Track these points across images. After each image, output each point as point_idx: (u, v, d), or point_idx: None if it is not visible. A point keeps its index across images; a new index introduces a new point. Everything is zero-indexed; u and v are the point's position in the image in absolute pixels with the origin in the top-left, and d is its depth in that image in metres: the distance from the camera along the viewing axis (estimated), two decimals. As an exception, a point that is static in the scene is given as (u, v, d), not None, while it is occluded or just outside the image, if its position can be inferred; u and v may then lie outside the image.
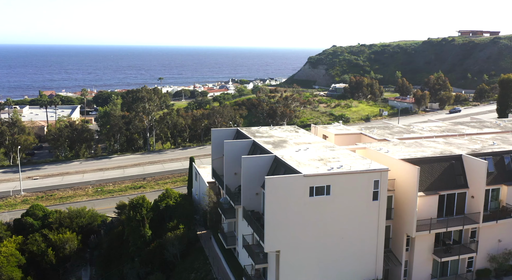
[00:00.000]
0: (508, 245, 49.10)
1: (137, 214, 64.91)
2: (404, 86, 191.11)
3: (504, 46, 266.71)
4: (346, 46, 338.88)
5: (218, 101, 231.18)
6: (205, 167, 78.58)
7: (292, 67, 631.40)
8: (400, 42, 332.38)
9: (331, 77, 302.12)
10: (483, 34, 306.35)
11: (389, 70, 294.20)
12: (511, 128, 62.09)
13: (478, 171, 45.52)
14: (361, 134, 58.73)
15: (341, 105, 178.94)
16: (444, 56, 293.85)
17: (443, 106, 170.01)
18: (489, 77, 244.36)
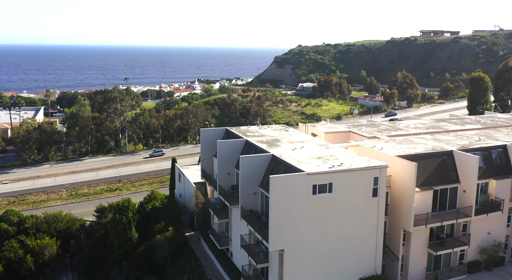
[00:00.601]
0: (497, 237, 50.76)
1: (123, 217, 63.40)
2: (373, 85, 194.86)
3: (465, 45, 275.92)
4: (311, 46, 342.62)
5: (186, 101, 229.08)
6: (189, 168, 77.64)
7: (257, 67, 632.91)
8: (364, 42, 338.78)
9: (298, 77, 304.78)
10: (444, 34, 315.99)
11: (354, 69, 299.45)
12: (491, 125, 64.19)
13: (469, 166, 46.80)
14: (350, 132, 59.37)
15: (312, 104, 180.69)
16: (407, 55, 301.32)
17: (410, 104, 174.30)
18: (451, 76, 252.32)
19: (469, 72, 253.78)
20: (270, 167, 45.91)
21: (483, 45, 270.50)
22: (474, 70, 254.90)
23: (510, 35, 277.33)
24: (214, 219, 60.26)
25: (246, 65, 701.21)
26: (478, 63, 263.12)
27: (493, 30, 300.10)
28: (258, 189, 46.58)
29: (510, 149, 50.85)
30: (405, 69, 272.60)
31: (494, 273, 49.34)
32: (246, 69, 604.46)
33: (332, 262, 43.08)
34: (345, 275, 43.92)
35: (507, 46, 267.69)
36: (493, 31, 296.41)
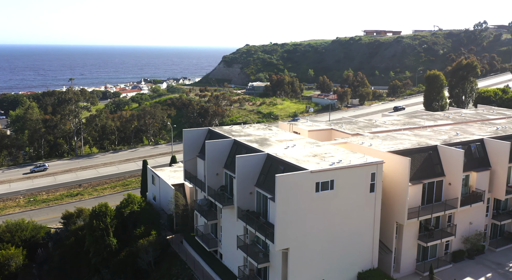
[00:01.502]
0: (478, 227, 53.26)
1: (100, 223, 60.97)
2: (325, 83, 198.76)
3: (407, 44, 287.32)
4: (259, 45, 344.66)
5: (136, 101, 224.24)
6: (163, 170, 75.84)
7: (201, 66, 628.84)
8: (311, 41, 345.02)
9: (247, 76, 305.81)
10: (386, 34, 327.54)
11: (302, 68, 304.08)
12: (460, 120, 67.23)
13: (454, 160, 48.77)
14: (332, 129, 60.23)
15: (266, 103, 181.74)
16: (352, 54, 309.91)
17: (362, 102, 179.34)
18: (395, 74, 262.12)
19: (412, 70, 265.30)
20: (266, 166, 45.69)
21: (424, 44, 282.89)
22: (416, 68, 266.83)
23: (448, 34, 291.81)
24: (198, 221, 59.28)
25: (190, 64, 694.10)
26: (420, 61, 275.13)
27: (433, 30, 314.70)
28: (254, 188, 46.24)
29: (487, 142, 53.44)
30: (351, 68, 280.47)
31: (477, 261, 51.73)
32: (190, 68, 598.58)
33: (333, 258, 43.58)
34: (344, 270, 44.56)
35: (446, 45, 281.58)
36: (432, 31, 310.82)
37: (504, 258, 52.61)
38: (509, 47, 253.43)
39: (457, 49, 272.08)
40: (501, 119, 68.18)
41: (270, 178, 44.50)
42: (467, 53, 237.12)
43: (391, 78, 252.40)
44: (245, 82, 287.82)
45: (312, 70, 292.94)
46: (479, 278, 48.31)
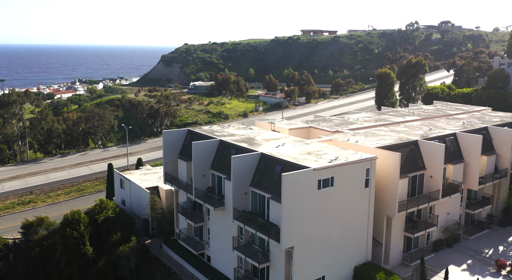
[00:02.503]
0: (454, 217, 56.08)
1: (74, 232, 57.93)
2: (271, 82, 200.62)
3: (344, 44, 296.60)
4: (198, 44, 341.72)
5: (75, 103, 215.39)
6: (132, 173, 73.28)
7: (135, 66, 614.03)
8: (250, 41, 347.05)
9: (187, 75, 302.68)
10: (323, 33, 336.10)
11: (242, 67, 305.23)
12: (425, 116, 70.38)
13: (435, 154, 51.03)
14: (310, 127, 60.96)
15: (214, 102, 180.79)
16: (291, 53, 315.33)
17: (309, 100, 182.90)
18: (333, 72, 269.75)
19: (350, 68, 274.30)
20: (261, 166, 45.47)
21: (360, 44, 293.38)
22: (354, 67, 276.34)
23: (382, 34, 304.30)
24: (180, 224, 57.92)
25: (123, 64, 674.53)
26: (357, 60, 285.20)
27: (367, 29, 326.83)
28: (249, 188, 45.88)
29: (459, 136, 56.40)
30: (291, 67, 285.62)
31: (455, 249, 54.46)
32: (124, 68, 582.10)
33: (332, 254, 44.23)
34: (342, 265, 45.38)
35: (380, 44, 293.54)
36: (367, 30, 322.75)
37: (478, 244, 55.75)
38: (439, 46, 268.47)
39: (391, 48, 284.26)
40: (462, 114, 72.15)
41: (266, 177, 44.43)
42: (403, 52, 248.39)
43: (330, 77, 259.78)
44: (185, 82, 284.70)
45: (253, 69, 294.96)
46: (461, 265, 50.88)
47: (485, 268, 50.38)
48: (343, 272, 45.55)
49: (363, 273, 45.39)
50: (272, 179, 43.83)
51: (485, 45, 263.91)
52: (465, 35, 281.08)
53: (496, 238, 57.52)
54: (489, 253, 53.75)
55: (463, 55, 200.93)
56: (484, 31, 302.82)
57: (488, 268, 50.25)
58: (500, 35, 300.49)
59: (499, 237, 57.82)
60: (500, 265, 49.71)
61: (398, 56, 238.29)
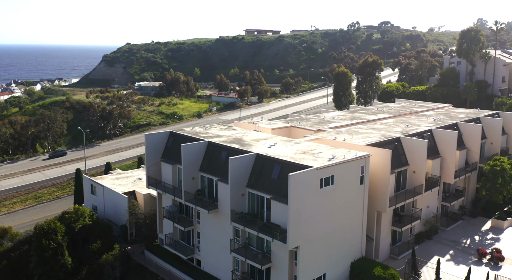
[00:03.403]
0: (433, 209, 58.46)
1: (51, 242, 54.93)
2: (223, 82, 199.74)
3: (288, 44, 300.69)
4: (141, 44, 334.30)
5: (16, 106, 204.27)
6: (104, 178, 70.40)
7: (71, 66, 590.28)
8: (195, 40, 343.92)
9: (131, 76, 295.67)
10: (267, 33, 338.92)
11: (187, 67, 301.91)
12: (396, 113, 72.77)
13: (418, 149, 52.90)
14: (291, 126, 61.29)
15: (165, 103, 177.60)
16: (236, 53, 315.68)
17: (261, 99, 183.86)
18: (279, 72, 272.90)
19: (295, 68, 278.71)
20: (257, 167, 45.14)
21: (304, 43, 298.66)
22: (299, 66, 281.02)
23: (325, 34, 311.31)
24: (164, 229, 56.40)
25: (57, 64, 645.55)
26: (301, 59, 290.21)
27: (310, 29, 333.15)
28: (245, 190, 45.47)
29: (435, 132, 58.84)
30: (237, 67, 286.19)
31: (435, 241, 56.77)
32: (60, 69, 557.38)
33: (332, 251, 44.77)
34: (341, 262, 46.07)
35: (324, 44, 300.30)
36: (310, 30, 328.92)
37: (455, 235, 58.44)
38: (380, 46, 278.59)
39: (334, 47, 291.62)
40: (428, 111, 75.30)
41: (264, 178, 44.21)
42: (347, 51, 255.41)
43: (277, 76, 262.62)
44: (129, 82, 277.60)
45: (198, 69, 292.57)
46: (445, 255, 53.12)
47: (467, 257, 52.89)
48: (341, 269, 46.26)
49: (360, 269, 46.27)
50: (270, 180, 43.67)
51: (422, 44, 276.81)
52: (404, 35, 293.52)
53: (470, 229, 60.53)
54: (467, 243, 56.49)
55: (406, 54, 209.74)
56: (420, 31, 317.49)
57: (470, 257, 52.78)
58: (435, 35, 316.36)
59: (473, 227, 60.90)
60: (481, 253, 52.35)
61: (343, 56, 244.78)
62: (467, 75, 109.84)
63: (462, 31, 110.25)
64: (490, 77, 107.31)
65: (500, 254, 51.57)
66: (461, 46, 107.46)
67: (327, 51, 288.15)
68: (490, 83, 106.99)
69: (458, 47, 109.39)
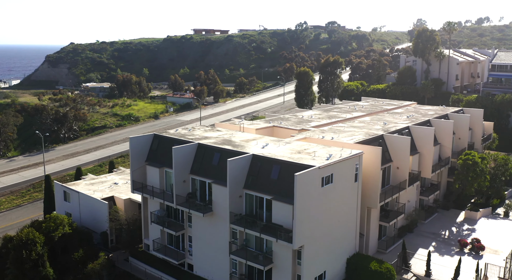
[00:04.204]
0: (413, 204, 60.59)
1: (32, 253, 52.14)
2: (177, 82, 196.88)
3: (237, 43, 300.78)
4: (86, 44, 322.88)
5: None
6: (77, 184, 67.52)
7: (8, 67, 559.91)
8: (142, 40, 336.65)
9: (76, 76, 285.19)
10: (215, 33, 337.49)
11: (135, 67, 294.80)
12: (368, 111, 74.71)
13: (401, 146, 54.65)
14: (274, 126, 61.49)
15: (119, 104, 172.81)
16: (185, 53, 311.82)
17: (217, 99, 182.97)
18: (230, 71, 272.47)
19: (245, 67, 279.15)
20: (254, 167, 44.98)
21: (253, 43, 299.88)
22: (249, 66, 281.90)
23: (273, 34, 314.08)
24: (152, 234, 54.98)
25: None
26: (251, 59, 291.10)
27: (259, 29, 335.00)
28: (243, 191, 45.21)
29: (412, 129, 61.01)
30: (186, 66, 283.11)
31: (416, 234, 58.87)
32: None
33: (331, 248, 45.46)
34: (338, 258, 46.87)
35: (272, 43, 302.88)
36: (258, 30, 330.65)
37: (434, 227, 60.88)
38: (328, 45, 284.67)
39: (283, 47, 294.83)
40: (397, 108, 77.89)
41: (262, 179, 44.15)
42: (297, 51, 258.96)
43: (227, 76, 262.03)
44: (75, 83, 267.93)
45: (147, 69, 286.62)
46: (428, 247, 55.17)
47: (449, 248, 55.26)
48: (339, 265, 47.04)
49: (356, 264, 47.23)
50: (269, 180, 43.68)
51: (368, 44, 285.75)
52: (351, 35, 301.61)
53: (446, 221, 63.26)
54: (447, 234, 59.03)
55: (357, 54, 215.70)
56: (365, 31, 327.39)
57: (452, 248, 55.18)
58: (378, 35, 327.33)
59: (448, 219, 63.68)
60: (463, 244, 54.85)
61: (293, 55, 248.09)
62: (423, 74, 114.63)
63: (417, 31, 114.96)
64: (444, 75, 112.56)
65: (480, 243, 54.25)
66: (417, 45, 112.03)
67: (276, 51, 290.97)
68: (444, 81, 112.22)
69: (414, 46, 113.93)
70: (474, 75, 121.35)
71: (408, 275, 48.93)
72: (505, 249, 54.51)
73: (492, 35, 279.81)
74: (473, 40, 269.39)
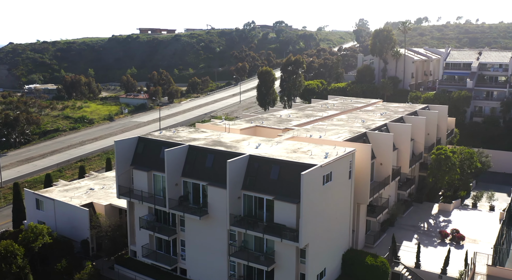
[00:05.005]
0: (393, 198, 62.55)
1: (13, 266, 49.31)
2: (129, 82, 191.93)
3: (185, 43, 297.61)
4: (26, 44, 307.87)
5: None
6: (51, 191, 64.36)
7: None
8: (86, 39, 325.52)
9: (17, 78, 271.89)
10: (162, 32, 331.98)
11: (79, 68, 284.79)
12: (341, 109, 76.16)
13: (384, 143, 56.28)
14: (257, 126, 61.42)
15: (70, 106, 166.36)
16: (132, 52, 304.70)
17: (172, 100, 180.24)
18: (179, 71, 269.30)
19: (194, 67, 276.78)
20: (252, 168, 44.80)
21: (202, 43, 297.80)
22: (198, 65, 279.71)
23: (221, 33, 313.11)
24: (139, 241, 53.44)
25: None
26: (200, 59, 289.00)
27: (206, 28, 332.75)
28: (241, 192, 44.94)
29: (390, 126, 62.98)
30: (134, 67, 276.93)
31: (397, 227, 60.85)
32: None
33: (330, 245, 46.17)
34: (335, 255, 47.69)
35: (221, 43, 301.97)
36: (206, 29, 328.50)
37: (412, 220, 63.19)
38: (276, 45, 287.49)
39: (232, 46, 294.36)
40: (367, 106, 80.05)
41: (261, 179, 44.08)
42: (248, 50, 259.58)
43: (176, 75, 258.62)
44: (15, 85, 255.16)
45: (92, 69, 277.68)
46: (412, 239, 57.29)
47: (431, 239, 57.57)
48: (336, 262, 47.83)
49: (352, 260, 48.22)
50: (269, 181, 43.68)
51: (315, 43, 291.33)
52: (298, 34, 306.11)
53: (422, 213, 65.84)
54: (426, 226, 61.45)
55: (308, 53, 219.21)
56: (311, 31, 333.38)
57: (434, 239, 57.53)
58: (324, 34, 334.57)
59: (424, 212, 66.32)
60: (444, 235, 57.31)
61: (244, 55, 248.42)
62: (380, 72, 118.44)
63: (375, 31, 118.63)
64: (401, 73, 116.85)
65: (460, 234, 56.90)
66: (375, 45, 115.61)
67: (225, 50, 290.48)
68: (401, 79, 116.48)
69: (371, 46, 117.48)
70: (427, 73, 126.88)
71: (399, 267, 50.51)
72: (482, 238, 57.50)
73: (432, 34, 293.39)
74: (414, 39, 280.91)
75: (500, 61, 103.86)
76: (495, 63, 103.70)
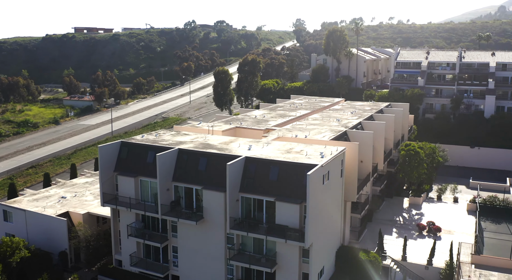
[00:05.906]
0: (369, 194, 64.42)
1: (-10, 283, 45.99)
2: (72, 84, 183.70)
3: (125, 42, 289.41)
4: None
5: None
6: (20, 202, 60.42)
7: None
8: (18, 39, 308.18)
9: None
10: (98, 31, 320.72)
11: (11, 69, 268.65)
12: (311, 108, 77.25)
13: (364, 141, 57.78)
14: (237, 127, 61.04)
15: (10, 110, 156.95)
16: (68, 52, 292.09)
17: (118, 101, 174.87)
18: (119, 72, 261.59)
19: (135, 67, 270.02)
20: (249, 170, 44.60)
21: (141, 42, 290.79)
22: (139, 65, 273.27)
23: (161, 33, 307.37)
24: (126, 249, 51.52)
25: None
26: (140, 58, 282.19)
27: (145, 28, 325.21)
28: (239, 195, 44.61)
29: (364, 124, 64.93)
30: (71, 67, 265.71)
31: (375, 222, 62.82)
32: None
33: (328, 243, 46.95)
34: (330, 252, 48.56)
35: (161, 42, 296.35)
36: (145, 29, 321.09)
37: (387, 215, 65.52)
38: (219, 44, 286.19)
39: (173, 46, 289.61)
40: (333, 105, 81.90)
41: (260, 181, 44.03)
42: (192, 50, 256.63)
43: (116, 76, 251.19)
44: None
45: (26, 70, 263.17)
46: (392, 233, 59.46)
47: (410, 232, 59.96)
48: (331, 259, 48.66)
49: (346, 256, 49.30)
50: (267, 182, 43.69)
51: (257, 43, 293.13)
52: (240, 34, 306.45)
53: (395, 207, 68.41)
54: (401, 220, 63.92)
55: (254, 52, 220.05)
56: (251, 31, 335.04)
57: (412, 232, 59.96)
58: (263, 34, 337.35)
59: (396, 206, 68.93)
60: (421, 227, 59.88)
61: (188, 54, 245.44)
62: (334, 71, 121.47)
63: (328, 31, 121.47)
64: (353, 72, 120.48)
65: (436, 226, 59.72)
66: (328, 45, 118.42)
67: (166, 50, 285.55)
68: (354, 77, 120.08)
69: (325, 46, 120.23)
70: (376, 71, 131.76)
71: (387, 260, 52.22)
72: (456, 229, 60.65)
73: (368, 34, 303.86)
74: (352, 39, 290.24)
75: (447, 60, 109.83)
76: (443, 62, 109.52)
